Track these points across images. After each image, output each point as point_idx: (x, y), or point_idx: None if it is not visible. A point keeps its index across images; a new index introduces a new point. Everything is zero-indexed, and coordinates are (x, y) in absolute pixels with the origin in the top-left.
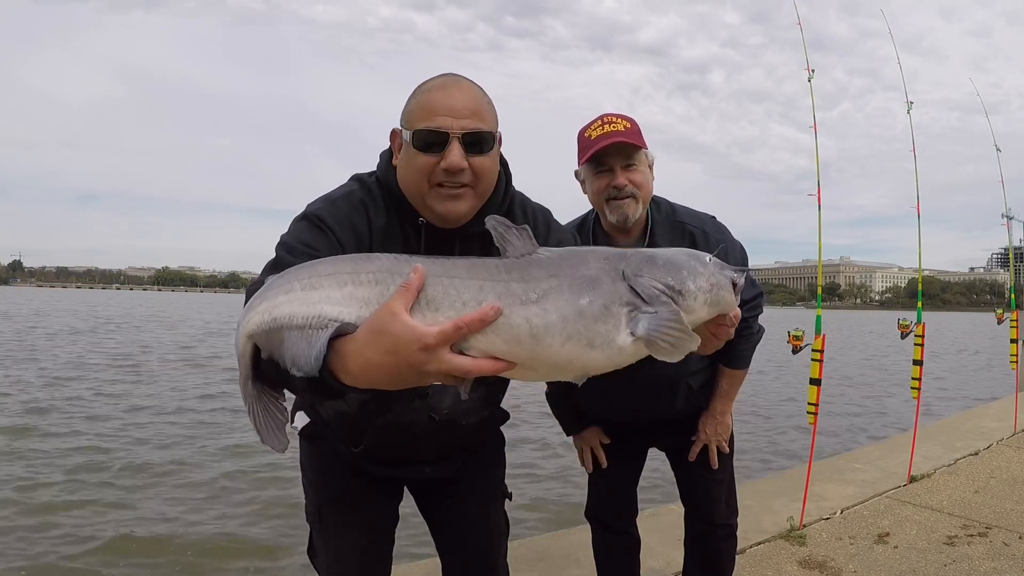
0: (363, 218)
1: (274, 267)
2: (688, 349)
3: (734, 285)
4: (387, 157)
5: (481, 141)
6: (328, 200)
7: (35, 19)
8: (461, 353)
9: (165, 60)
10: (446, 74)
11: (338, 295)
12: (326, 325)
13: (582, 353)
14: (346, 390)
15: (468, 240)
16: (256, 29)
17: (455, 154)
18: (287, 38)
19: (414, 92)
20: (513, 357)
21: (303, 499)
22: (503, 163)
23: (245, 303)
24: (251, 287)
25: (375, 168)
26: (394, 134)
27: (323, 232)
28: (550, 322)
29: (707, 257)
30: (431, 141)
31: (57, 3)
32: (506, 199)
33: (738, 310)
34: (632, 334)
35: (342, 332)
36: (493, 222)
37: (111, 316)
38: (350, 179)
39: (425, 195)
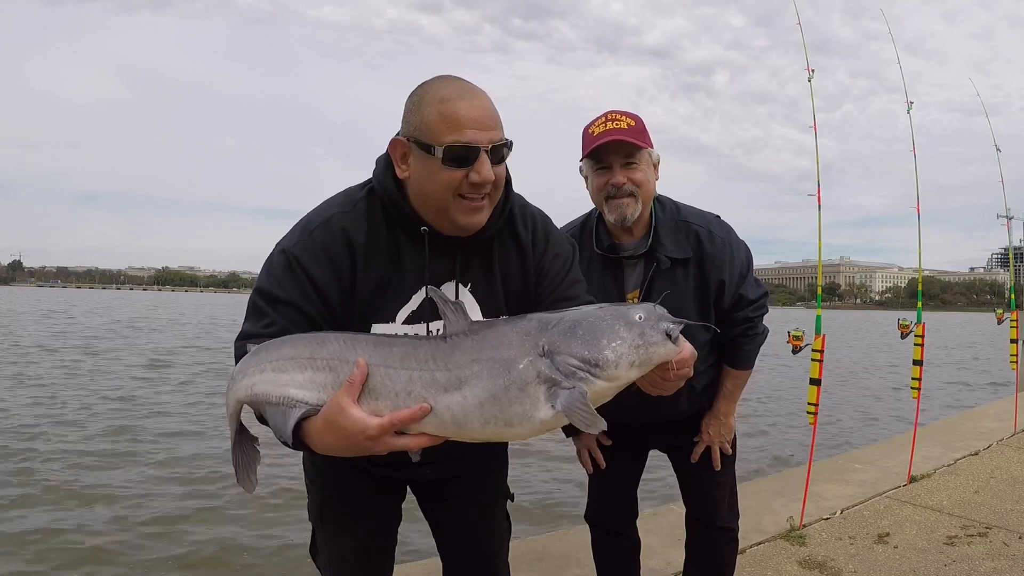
0: (342, 245)
1: (254, 313)
2: (596, 429)
3: (669, 336)
4: (383, 164)
5: (503, 152)
6: (307, 231)
7: (41, 19)
8: (402, 433)
9: (172, 61)
10: (452, 79)
11: (300, 379)
12: (295, 405)
13: (502, 431)
14: (316, 453)
15: (469, 249)
16: (263, 30)
17: (487, 168)
18: (293, 39)
19: (425, 100)
20: (443, 436)
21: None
22: None
23: (235, 359)
24: (238, 343)
25: (371, 175)
26: (396, 143)
27: (296, 276)
28: (469, 409)
29: (638, 314)
30: (463, 155)
31: (64, 3)
32: (507, 204)
33: (687, 351)
34: (553, 407)
35: (307, 415)
36: (434, 294)
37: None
38: (339, 194)
39: (448, 208)
